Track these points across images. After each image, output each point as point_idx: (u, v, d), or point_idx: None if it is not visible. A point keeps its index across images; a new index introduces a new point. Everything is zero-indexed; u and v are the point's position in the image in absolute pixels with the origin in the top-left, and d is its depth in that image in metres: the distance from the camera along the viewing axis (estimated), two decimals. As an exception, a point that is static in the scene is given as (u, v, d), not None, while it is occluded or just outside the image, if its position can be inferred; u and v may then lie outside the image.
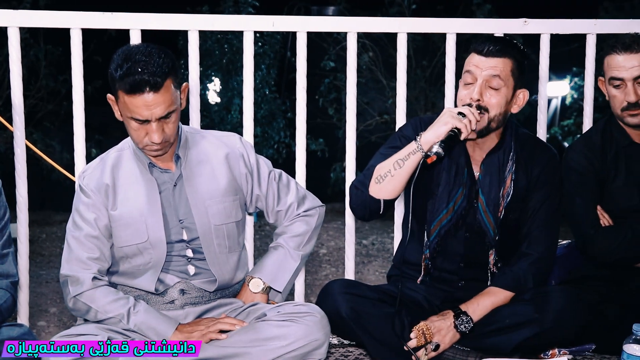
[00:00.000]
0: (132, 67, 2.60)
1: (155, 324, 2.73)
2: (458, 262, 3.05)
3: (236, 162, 2.97)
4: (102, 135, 9.41)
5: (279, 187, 3.06)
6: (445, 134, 2.82)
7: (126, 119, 2.72)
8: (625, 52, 3.04)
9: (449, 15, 8.56)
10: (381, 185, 2.92)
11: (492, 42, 2.93)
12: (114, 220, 2.84)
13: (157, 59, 2.64)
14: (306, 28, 3.54)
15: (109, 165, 2.89)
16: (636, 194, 3.13)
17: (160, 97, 2.64)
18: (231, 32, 9.27)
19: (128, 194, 2.85)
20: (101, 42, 8.01)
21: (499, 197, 2.99)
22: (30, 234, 3.47)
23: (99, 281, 2.79)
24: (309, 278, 6.34)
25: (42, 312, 5.38)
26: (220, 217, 2.90)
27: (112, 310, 2.74)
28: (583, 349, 3.04)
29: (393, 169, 2.89)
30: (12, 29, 3.32)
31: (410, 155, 2.87)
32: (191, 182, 2.88)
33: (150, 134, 2.70)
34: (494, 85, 2.90)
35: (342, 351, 3.09)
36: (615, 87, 3.08)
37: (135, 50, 2.66)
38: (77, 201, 2.88)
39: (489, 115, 2.90)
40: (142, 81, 2.60)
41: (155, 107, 2.65)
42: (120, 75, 2.62)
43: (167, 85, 2.65)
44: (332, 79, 9.57)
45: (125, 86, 2.61)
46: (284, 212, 3.08)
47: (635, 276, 3.13)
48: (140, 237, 2.83)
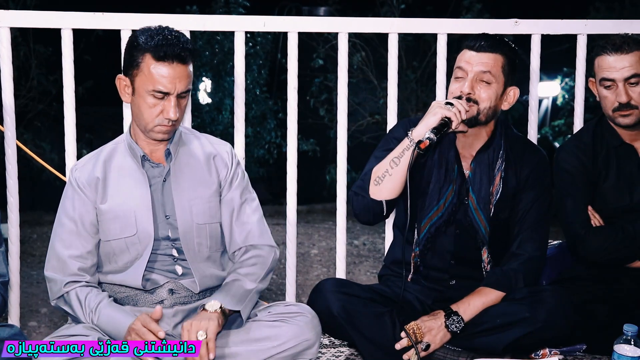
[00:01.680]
0: (164, 39, 2.71)
1: (114, 315, 2.72)
2: (448, 260, 3.06)
3: (221, 164, 2.97)
4: (93, 135, 9.40)
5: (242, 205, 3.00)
6: (436, 124, 2.84)
7: (143, 94, 2.74)
8: (615, 53, 3.05)
9: (438, 15, 8.58)
10: (381, 186, 2.93)
11: (484, 38, 2.96)
12: (102, 213, 2.83)
13: (185, 37, 2.79)
14: (297, 28, 3.55)
15: (102, 158, 2.89)
16: (627, 194, 3.14)
17: (185, 71, 2.74)
18: (222, 33, 9.27)
19: (119, 187, 2.84)
20: (89, 42, 8.00)
21: (489, 195, 3.00)
22: (21, 234, 3.46)
23: (73, 284, 2.78)
24: (300, 278, 6.33)
25: (33, 312, 5.37)
26: (204, 217, 2.90)
27: (80, 315, 2.75)
28: (574, 349, 3.05)
29: (390, 168, 2.90)
30: (2, 29, 3.32)
31: (404, 151, 2.88)
32: (178, 178, 2.88)
33: (167, 110, 2.74)
34: (485, 79, 2.92)
35: (333, 351, 3.10)
36: (607, 88, 3.09)
37: (163, 28, 2.78)
38: (65, 197, 2.88)
39: (479, 107, 2.92)
40: (173, 52, 2.70)
41: (180, 81, 2.73)
42: (153, 45, 2.70)
43: (190, 63, 2.77)
44: (322, 79, 9.58)
45: (159, 53, 2.69)
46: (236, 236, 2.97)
47: (625, 276, 3.14)
48: (129, 231, 2.82)
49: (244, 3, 9.70)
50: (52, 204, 3.22)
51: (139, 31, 2.77)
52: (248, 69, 9.48)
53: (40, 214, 8.76)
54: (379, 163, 2.96)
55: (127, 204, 2.82)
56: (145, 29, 2.77)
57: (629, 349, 2.59)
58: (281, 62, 10.49)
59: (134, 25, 3.39)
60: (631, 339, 2.59)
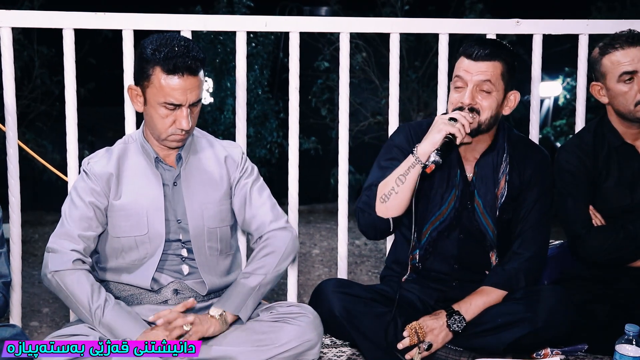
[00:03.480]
0: (173, 51, 2.68)
1: (122, 322, 2.68)
2: (452, 264, 3.06)
3: (232, 165, 2.97)
4: (94, 136, 9.40)
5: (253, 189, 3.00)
6: (440, 142, 2.83)
7: (155, 106, 2.73)
8: (630, 46, 3.06)
9: (441, 15, 8.58)
10: (387, 204, 2.93)
11: (481, 46, 2.92)
12: (115, 209, 2.82)
13: (195, 47, 2.75)
14: (299, 28, 3.54)
15: (115, 155, 2.89)
16: (628, 194, 3.14)
17: (196, 82, 2.72)
18: (224, 33, 9.26)
19: (133, 186, 2.84)
20: (95, 43, 8.00)
21: (495, 198, 3.00)
22: (22, 235, 3.46)
23: (81, 264, 2.74)
24: (301, 278, 6.34)
25: (34, 312, 5.38)
26: (215, 221, 2.90)
27: (83, 300, 2.68)
28: (576, 349, 3.05)
29: (396, 186, 2.90)
30: (4, 29, 3.32)
31: (410, 169, 2.87)
32: (189, 182, 2.88)
33: (180, 120, 2.73)
34: (484, 89, 2.91)
35: (334, 351, 3.10)
36: (626, 82, 3.08)
37: (172, 37, 2.73)
38: (78, 183, 2.87)
39: (480, 118, 2.91)
40: (184, 64, 2.67)
41: (191, 92, 2.71)
42: (162, 57, 2.67)
43: (201, 73, 2.74)
44: (324, 79, 9.57)
45: (169, 66, 2.66)
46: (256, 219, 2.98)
47: (626, 276, 3.13)
48: (140, 230, 2.82)
49: (247, 3, 9.69)
50: (54, 204, 3.22)
51: (147, 41, 2.74)
52: (250, 69, 9.48)
53: (41, 214, 8.77)
54: (385, 179, 2.95)
55: (140, 202, 2.82)
56: (153, 39, 2.73)
57: (631, 349, 2.59)
58: (283, 62, 10.49)
59: (136, 26, 3.39)
60: (633, 339, 2.59)
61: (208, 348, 2.70)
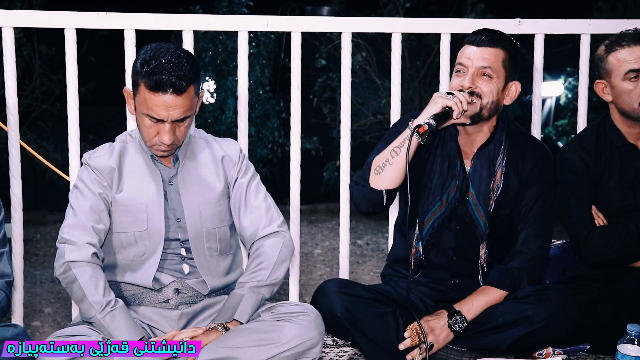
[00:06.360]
0: (160, 67, 2.64)
1: (124, 326, 2.68)
2: (450, 256, 3.06)
3: (230, 164, 2.97)
4: (96, 136, 9.40)
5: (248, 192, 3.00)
6: (437, 112, 2.85)
7: (141, 114, 2.74)
8: (636, 45, 3.08)
9: (442, 15, 8.58)
10: (381, 175, 2.93)
11: (484, 33, 2.97)
12: (116, 203, 2.83)
13: (186, 64, 2.68)
14: (300, 28, 3.55)
15: (116, 151, 2.90)
16: (630, 194, 3.14)
17: (181, 101, 2.68)
18: (225, 32, 9.27)
19: (133, 181, 2.85)
20: (93, 41, 8.00)
21: (489, 191, 3.00)
22: (24, 234, 3.47)
23: (97, 259, 2.73)
24: (303, 278, 6.34)
25: (36, 312, 5.37)
26: (214, 221, 2.91)
27: (93, 294, 2.67)
28: (577, 349, 3.04)
29: (390, 157, 2.91)
30: (6, 29, 3.32)
31: (405, 140, 2.88)
32: (186, 184, 2.88)
33: (162, 135, 2.73)
34: (486, 73, 2.93)
35: (336, 351, 3.10)
36: (632, 80, 3.08)
37: (165, 50, 2.69)
38: (82, 174, 2.87)
39: (482, 102, 2.92)
40: (167, 82, 2.64)
41: (173, 110, 2.68)
42: (147, 72, 2.65)
43: (189, 91, 2.70)
44: (325, 78, 9.57)
45: (150, 83, 2.64)
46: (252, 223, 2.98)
47: (628, 276, 3.13)
48: (140, 226, 2.83)
49: (247, 3, 9.70)
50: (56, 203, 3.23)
51: (143, 50, 2.73)
52: (251, 69, 9.48)
53: (43, 213, 8.77)
54: (380, 153, 2.97)
55: (139, 198, 2.83)
56: (148, 49, 2.71)
57: (633, 348, 2.59)
58: (284, 61, 10.49)
59: (137, 25, 3.40)
60: (635, 338, 2.59)
61: (209, 348, 2.70)
